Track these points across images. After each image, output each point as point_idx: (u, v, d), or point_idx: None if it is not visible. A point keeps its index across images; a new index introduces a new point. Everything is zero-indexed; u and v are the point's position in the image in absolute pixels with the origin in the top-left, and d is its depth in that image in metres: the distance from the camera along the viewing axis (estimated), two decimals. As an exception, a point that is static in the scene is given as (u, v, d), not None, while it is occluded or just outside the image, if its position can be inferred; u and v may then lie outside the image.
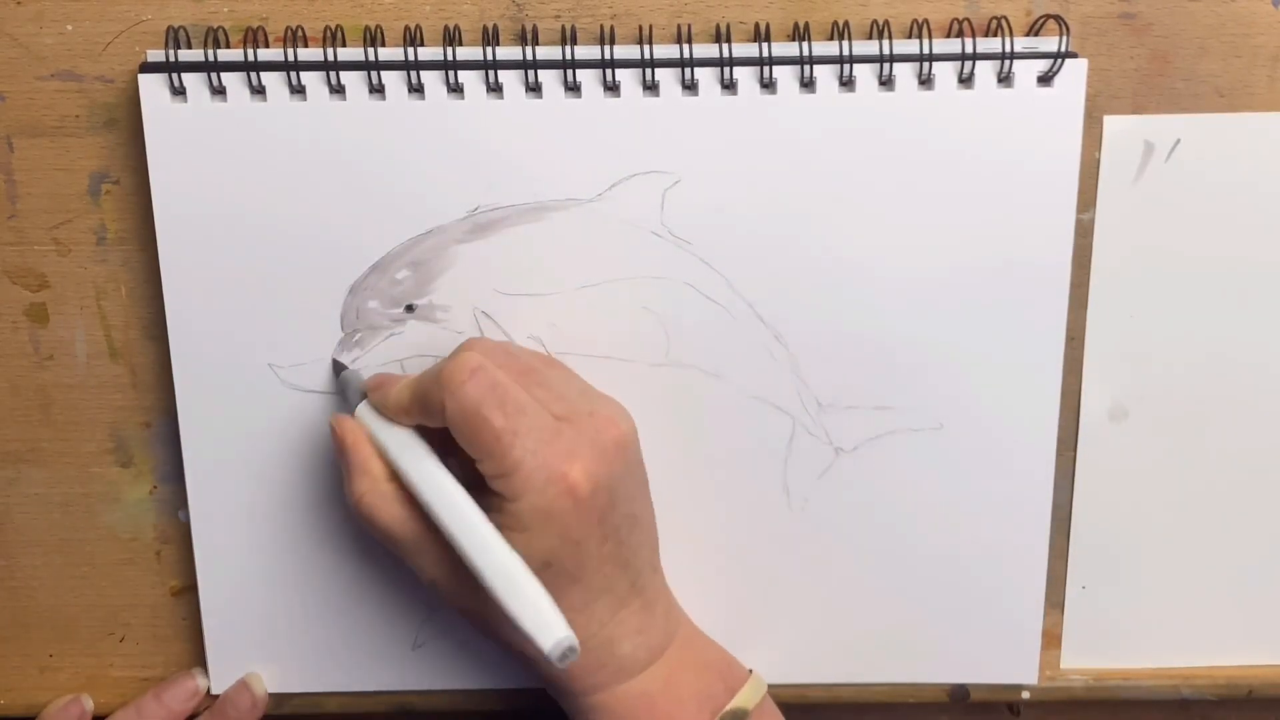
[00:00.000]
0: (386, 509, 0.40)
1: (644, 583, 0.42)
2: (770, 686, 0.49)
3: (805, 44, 0.43)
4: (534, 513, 0.38)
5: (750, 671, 0.45)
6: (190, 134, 0.44)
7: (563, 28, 0.44)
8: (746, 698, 0.43)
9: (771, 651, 0.49)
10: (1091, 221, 0.46)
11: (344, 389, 0.45)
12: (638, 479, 0.42)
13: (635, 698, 0.42)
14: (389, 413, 0.41)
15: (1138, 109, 0.45)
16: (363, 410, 0.43)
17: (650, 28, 0.44)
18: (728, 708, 0.42)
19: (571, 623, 0.37)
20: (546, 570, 0.39)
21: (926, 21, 0.43)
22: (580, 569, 0.40)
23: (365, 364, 0.46)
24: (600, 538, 0.40)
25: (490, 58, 0.43)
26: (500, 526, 0.38)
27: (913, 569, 0.48)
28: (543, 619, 0.37)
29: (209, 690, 0.49)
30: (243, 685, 0.49)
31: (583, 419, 0.40)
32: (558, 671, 0.40)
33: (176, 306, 0.45)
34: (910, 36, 0.44)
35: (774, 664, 0.49)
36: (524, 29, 0.44)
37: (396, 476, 0.41)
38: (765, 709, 0.44)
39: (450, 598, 0.41)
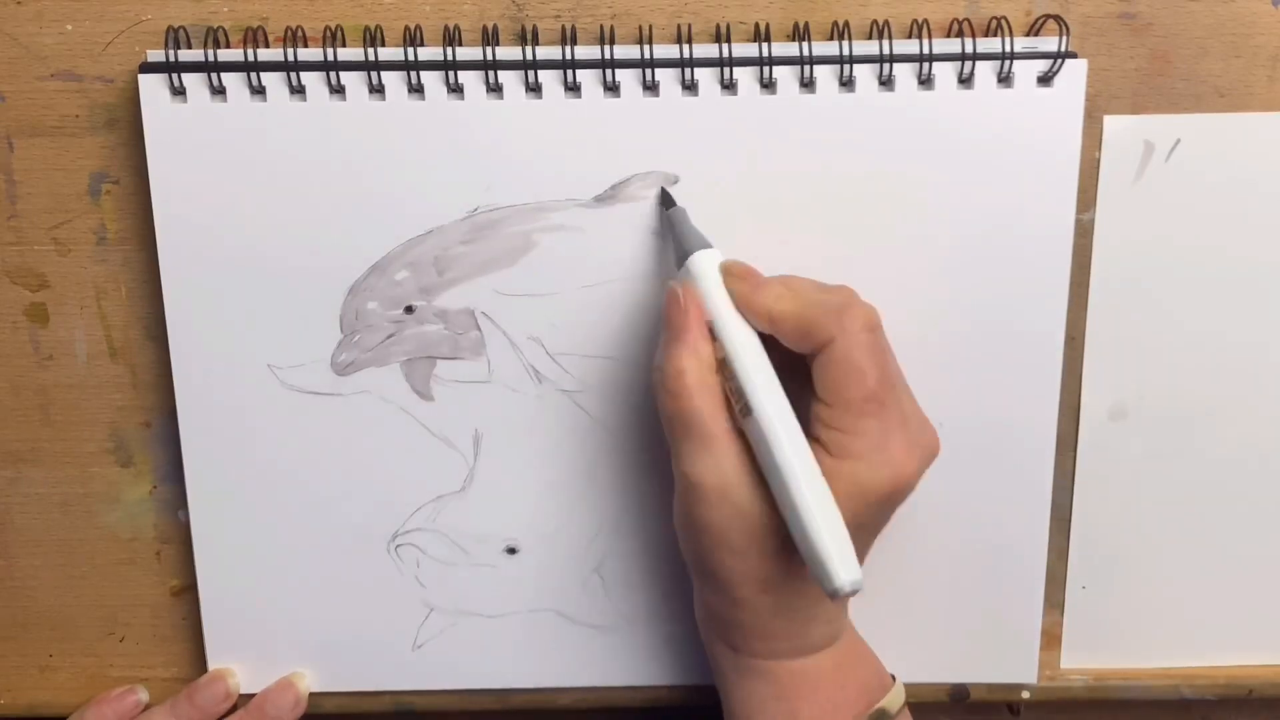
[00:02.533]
0: (704, 397, 0.40)
1: None
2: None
3: (805, 44, 0.43)
4: (853, 482, 0.38)
5: (894, 678, 0.45)
6: (190, 134, 0.44)
7: (563, 28, 0.44)
8: (894, 700, 0.43)
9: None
10: (1091, 221, 0.46)
11: (677, 231, 0.43)
12: None
13: (804, 673, 0.42)
14: (751, 306, 0.40)
15: (1138, 109, 0.45)
16: (712, 289, 0.41)
17: (650, 28, 0.44)
18: (880, 704, 0.43)
19: (798, 589, 0.39)
20: None
21: (926, 21, 0.43)
22: None
23: (363, 363, 0.46)
24: (871, 530, 0.41)
25: (490, 58, 0.43)
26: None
27: (913, 569, 0.48)
28: (842, 553, 0.37)
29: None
30: (286, 684, 0.48)
31: (916, 417, 0.40)
32: (750, 622, 0.40)
33: (176, 306, 0.45)
34: (910, 36, 0.44)
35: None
36: (524, 29, 0.44)
37: (719, 368, 0.40)
38: (904, 715, 0.44)
39: (704, 502, 0.40)
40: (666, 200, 0.44)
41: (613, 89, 0.43)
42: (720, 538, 0.40)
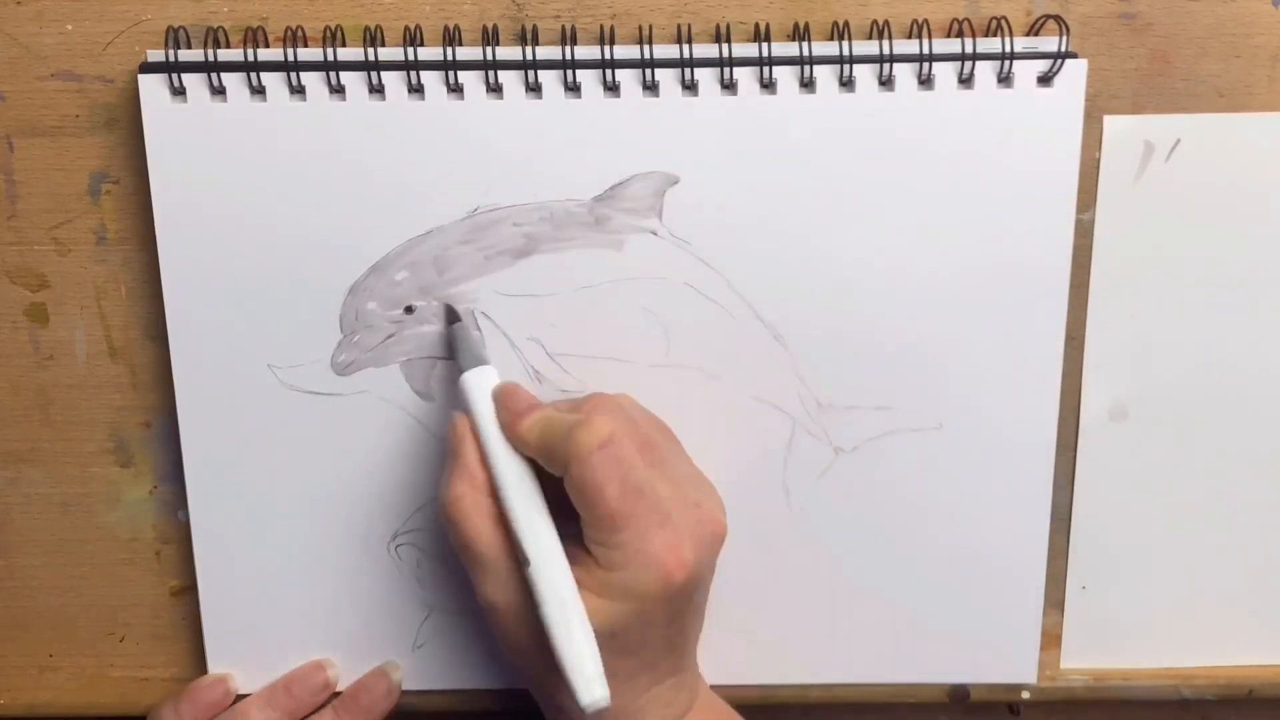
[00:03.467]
0: (477, 521, 0.41)
1: (685, 663, 0.44)
2: (770, 687, 0.49)
3: (805, 44, 0.43)
4: (624, 589, 0.40)
5: None
6: (190, 134, 0.44)
7: (563, 28, 0.44)
8: None
9: (771, 651, 0.49)
10: (1091, 221, 0.46)
11: (456, 347, 0.44)
12: (713, 569, 0.43)
13: None
14: (511, 437, 0.42)
15: (1138, 109, 0.45)
16: (484, 413, 0.42)
17: (650, 28, 0.44)
18: None
19: (612, 688, 0.39)
20: (611, 640, 0.40)
21: (926, 21, 0.43)
22: (640, 646, 0.41)
23: (363, 363, 0.46)
24: (668, 622, 0.41)
25: (490, 58, 0.43)
26: (581, 582, 0.40)
27: (912, 569, 0.48)
28: (588, 674, 0.38)
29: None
30: (380, 672, 0.49)
31: (689, 509, 0.41)
32: (577, 715, 0.41)
33: (176, 306, 0.45)
34: (910, 36, 0.44)
35: (774, 664, 0.49)
36: (524, 29, 0.44)
37: (495, 492, 0.42)
38: None
39: (502, 625, 0.42)
40: (450, 316, 0.45)
41: (613, 89, 0.43)
42: (523, 650, 0.41)
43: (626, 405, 0.43)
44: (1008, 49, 0.43)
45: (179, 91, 0.43)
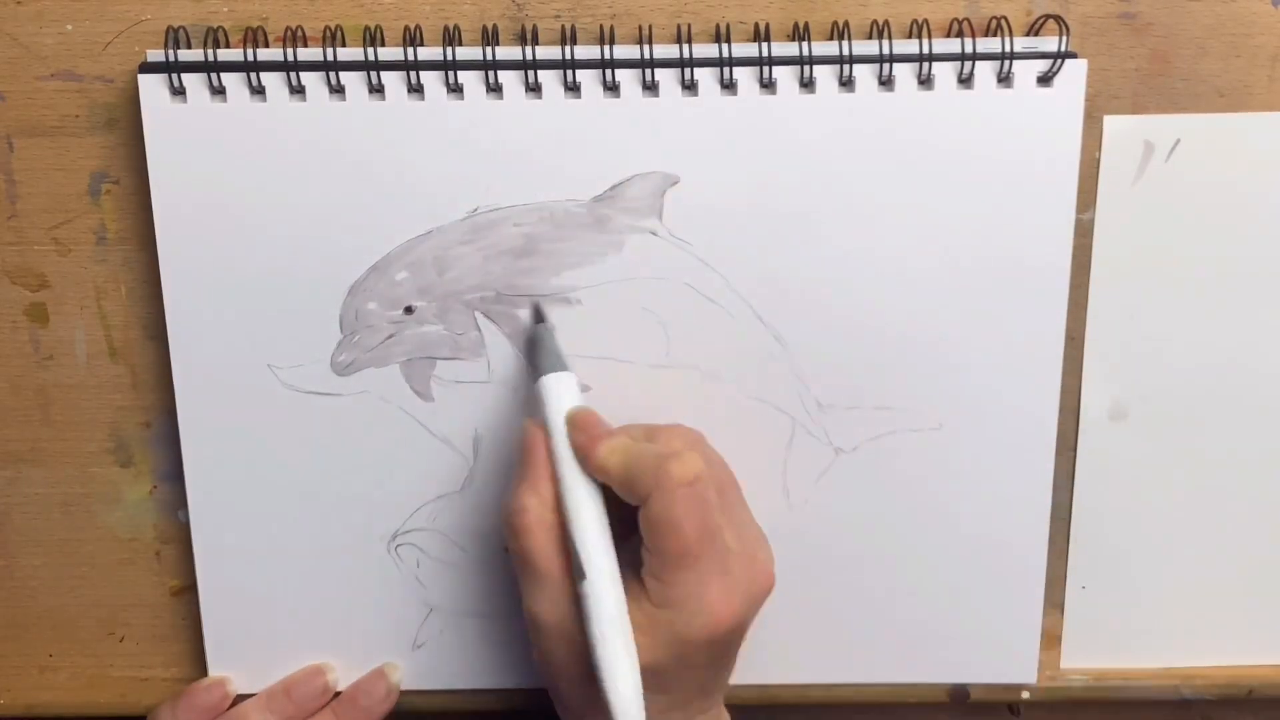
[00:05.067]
0: (540, 536, 0.41)
1: (714, 703, 0.43)
2: (770, 686, 0.49)
3: (805, 44, 0.43)
4: (671, 629, 0.39)
5: None
6: (190, 134, 0.44)
7: (562, 28, 0.44)
8: None
9: (772, 651, 0.49)
10: (1091, 221, 0.46)
11: (536, 349, 0.44)
12: (752, 620, 0.43)
13: None
14: (588, 462, 0.41)
15: (1138, 109, 0.45)
16: (558, 426, 0.42)
17: (650, 28, 0.44)
18: None
19: None
20: (650, 676, 0.39)
21: (926, 21, 0.43)
22: (677, 685, 0.41)
23: (363, 363, 0.46)
24: (706, 666, 0.41)
25: (490, 58, 0.43)
26: (630, 614, 0.40)
27: (912, 569, 0.48)
28: (626, 697, 0.38)
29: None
30: (379, 674, 0.48)
31: (746, 560, 0.41)
32: None
33: (176, 306, 0.45)
34: (910, 36, 0.44)
35: (774, 664, 0.49)
36: (524, 29, 0.44)
37: (560, 506, 0.41)
38: None
39: (545, 641, 0.41)
40: (537, 315, 0.45)
41: (613, 89, 0.43)
42: (562, 670, 0.41)
43: (703, 443, 0.43)
44: (1008, 49, 0.43)
45: (179, 91, 0.43)
